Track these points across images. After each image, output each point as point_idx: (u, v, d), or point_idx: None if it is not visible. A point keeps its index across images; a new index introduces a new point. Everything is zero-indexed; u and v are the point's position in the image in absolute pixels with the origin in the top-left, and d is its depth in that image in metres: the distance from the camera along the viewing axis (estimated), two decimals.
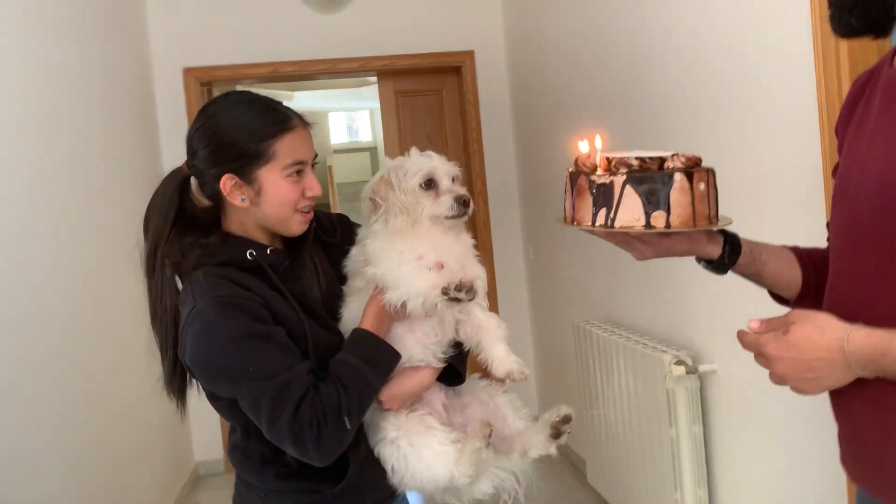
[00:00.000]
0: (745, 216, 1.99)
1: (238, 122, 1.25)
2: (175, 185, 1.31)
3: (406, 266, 1.23)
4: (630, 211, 0.98)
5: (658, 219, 0.97)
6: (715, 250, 1.09)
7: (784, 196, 1.88)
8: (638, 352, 2.53)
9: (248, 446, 1.29)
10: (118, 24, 3.57)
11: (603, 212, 1.00)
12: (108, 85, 3.28)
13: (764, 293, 1.14)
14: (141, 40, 3.92)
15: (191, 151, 1.29)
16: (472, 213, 1.30)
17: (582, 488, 3.44)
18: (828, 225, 1.18)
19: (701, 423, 2.34)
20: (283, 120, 1.25)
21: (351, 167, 10.70)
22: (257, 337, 1.17)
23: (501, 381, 1.36)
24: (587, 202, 1.01)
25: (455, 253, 1.29)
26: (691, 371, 2.30)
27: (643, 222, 0.98)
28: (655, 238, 1.04)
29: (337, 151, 10.71)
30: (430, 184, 1.29)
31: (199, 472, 4.11)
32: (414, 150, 1.33)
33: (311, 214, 1.31)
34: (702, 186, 1.00)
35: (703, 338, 2.36)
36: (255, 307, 1.19)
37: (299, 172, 1.25)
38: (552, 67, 3.55)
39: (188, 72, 4.03)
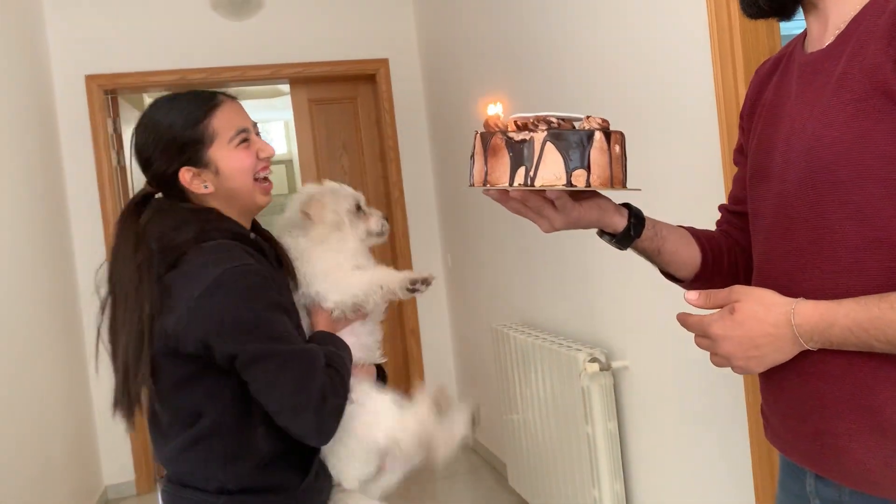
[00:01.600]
0: (647, 209, 2.06)
1: (171, 118, 1.30)
2: (136, 205, 1.32)
3: (350, 274, 1.41)
4: (551, 168, 0.95)
5: (579, 177, 0.95)
6: (621, 222, 1.09)
7: (685, 189, 1.95)
8: (553, 351, 2.57)
9: (211, 443, 1.24)
10: (12, 29, 3.40)
11: (522, 171, 0.97)
12: (4, 94, 3.12)
13: (675, 291, 1.14)
14: (39, 46, 3.75)
15: (144, 163, 1.32)
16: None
17: (503, 491, 3.45)
18: (722, 207, 1.22)
19: (616, 419, 2.39)
20: (208, 99, 1.32)
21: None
22: (286, 310, 1.26)
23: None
24: (503, 161, 0.98)
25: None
26: (605, 368, 2.35)
27: (564, 180, 0.95)
28: (568, 205, 1.02)
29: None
30: (358, 208, 1.50)
31: (109, 497, 3.93)
32: (328, 181, 1.51)
33: (271, 185, 1.36)
34: (617, 148, 0.99)
35: (615, 335, 2.41)
36: (278, 281, 1.28)
37: (245, 141, 1.32)
38: (465, 74, 3.59)
39: (91, 79, 3.88)
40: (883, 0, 0.86)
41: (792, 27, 1.35)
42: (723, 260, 1.15)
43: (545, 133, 0.96)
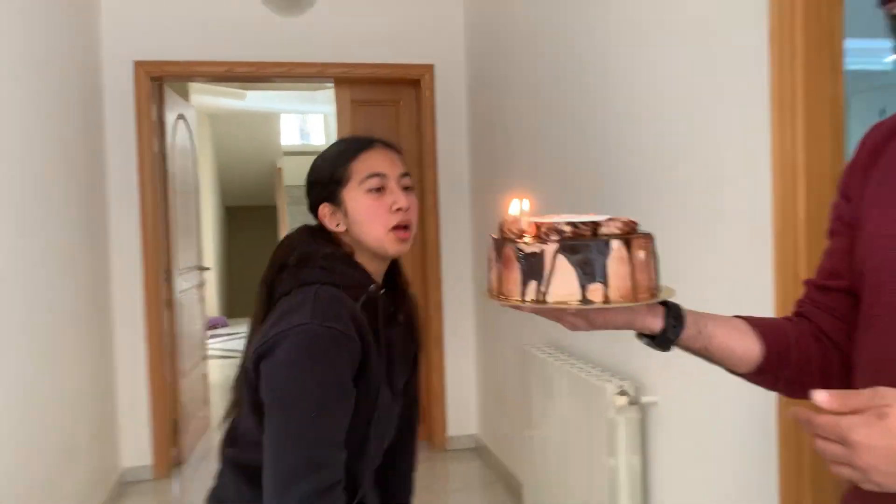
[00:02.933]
0: (690, 276, 2.03)
1: (326, 157, 1.37)
2: (301, 231, 1.38)
3: None
4: (564, 284, 0.89)
5: (595, 292, 0.89)
6: (656, 323, 0.99)
7: (731, 249, 1.91)
8: (581, 379, 2.54)
9: (251, 472, 1.23)
10: (67, 8, 3.44)
11: (533, 285, 0.90)
12: (53, 74, 3.15)
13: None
14: (92, 30, 3.79)
15: (307, 194, 1.39)
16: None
17: None
18: (809, 282, 1.09)
19: (640, 453, 2.35)
20: (360, 142, 1.35)
21: (301, 170, 10.53)
22: (339, 392, 1.19)
23: None
24: (515, 274, 0.92)
25: None
26: (633, 402, 2.32)
27: (579, 297, 0.88)
28: (591, 312, 0.95)
29: (287, 154, 10.58)
30: None
31: (126, 479, 3.96)
32: None
33: (408, 234, 1.33)
34: (641, 255, 0.92)
35: (646, 368, 2.38)
36: (355, 357, 1.21)
37: (380, 189, 1.30)
38: (511, 86, 3.56)
39: (139, 65, 3.92)
40: None
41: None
42: (790, 352, 1.03)
43: (556, 244, 0.89)
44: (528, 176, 3.39)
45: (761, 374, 1.03)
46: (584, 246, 0.89)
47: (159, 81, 4.06)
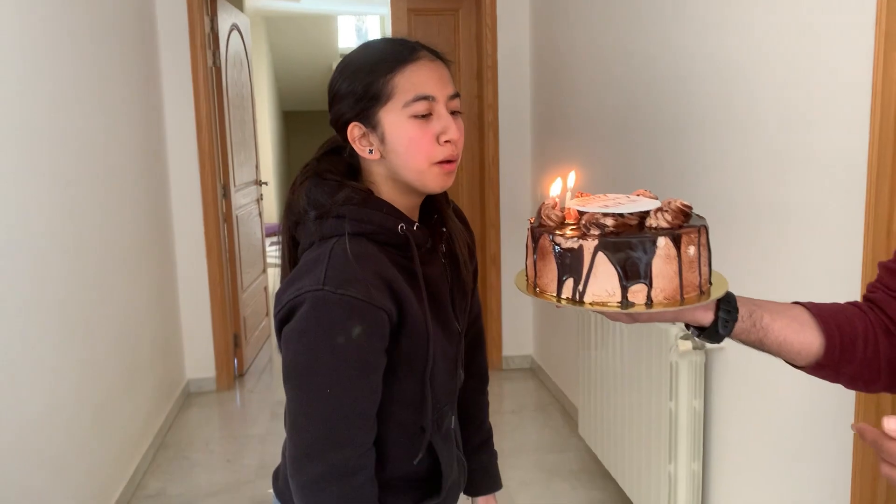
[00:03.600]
0: (771, 253, 1.87)
1: (360, 63, 1.11)
2: (323, 154, 1.19)
3: None
4: (603, 283, 0.81)
5: (638, 294, 0.81)
6: (706, 316, 0.91)
7: (819, 230, 1.75)
8: None
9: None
10: None
11: (570, 282, 0.83)
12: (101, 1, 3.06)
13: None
14: None
15: (329, 103, 1.15)
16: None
17: (572, 436, 3.44)
18: (882, 265, 0.99)
19: (702, 398, 2.28)
20: (403, 52, 1.10)
21: None
22: (360, 366, 1.05)
23: None
24: (551, 267, 0.84)
25: None
26: (698, 347, 2.23)
27: (619, 298, 0.81)
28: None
29: (345, 55, 10.35)
30: None
31: (190, 390, 4.11)
32: None
33: (454, 167, 1.11)
34: (691, 251, 0.83)
35: None
36: (381, 326, 1.05)
37: (426, 115, 1.08)
38: (579, 11, 3.33)
39: None
40: None
41: None
42: (855, 346, 0.94)
43: (596, 241, 0.81)
44: (588, 120, 3.20)
45: (821, 369, 0.96)
46: (626, 243, 0.81)
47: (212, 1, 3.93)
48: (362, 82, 1.09)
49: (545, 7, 3.82)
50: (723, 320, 0.91)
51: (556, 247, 0.83)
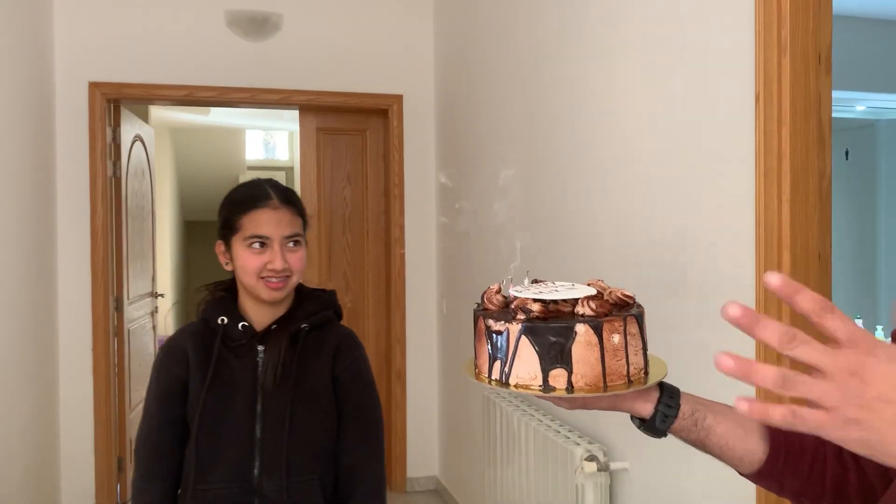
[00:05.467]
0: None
1: (230, 198, 1.54)
2: None
3: None
4: (526, 366, 0.83)
5: (558, 378, 0.83)
6: (645, 408, 0.88)
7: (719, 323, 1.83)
8: (549, 439, 2.44)
9: None
10: (19, 27, 3.26)
11: (497, 365, 0.85)
12: (1, 94, 2.97)
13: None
14: (44, 47, 3.61)
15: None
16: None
17: None
18: None
19: None
20: (256, 198, 1.49)
21: None
22: (156, 400, 1.53)
23: None
24: (485, 350, 0.87)
25: None
26: (602, 468, 2.22)
27: (540, 381, 0.83)
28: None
29: (251, 168, 10.38)
30: None
31: None
32: None
33: (280, 284, 1.48)
34: (615, 339, 0.84)
35: (616, 431, 2.29)
36: (173, 373, 1.52)
37: (262, 245, 1.46)
38: (480, 120, 3.48)
39: (94, 86, 3.74)
40: None
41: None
42: (801, 461, 0.89)
43: (520, 325, 0.84)
44: (497, 218, 3.29)
45: (763, 479, 0.91)
46: (547, 328, 0.83)
47: (116, 103, 3.89)
48: (225, 214, 1.50)
49: (451, 132, 3.97)
50: (661, 414, 0.88)
51: (488, 329, 0.87)
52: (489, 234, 3.36)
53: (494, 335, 0.86)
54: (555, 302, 0.86)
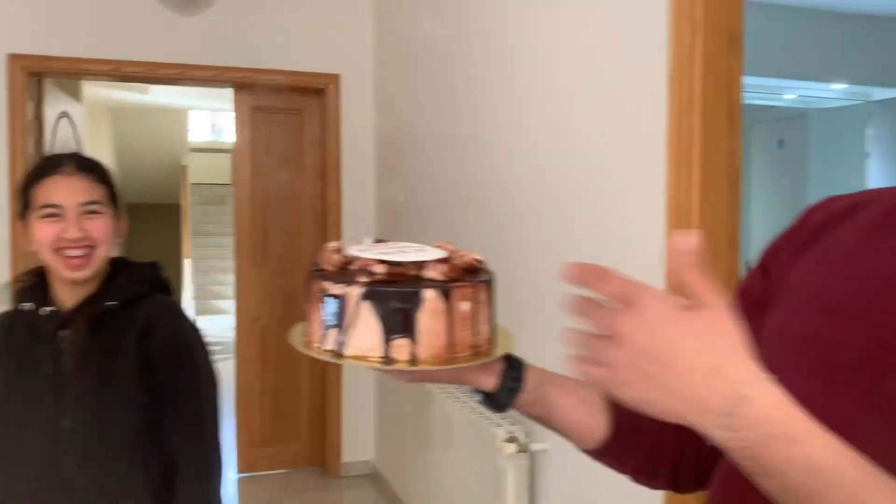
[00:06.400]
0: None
1: (25, 173, 1.43)
2: None
3: None
4: (366, 336, 0.75)
5: (401, 349, 0.75)
6: (488, 382, 0.82)
7: None
8: (474, 421, 2.43)
9: None
10: None
11: (333, 333, 0.76)
12: None
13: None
14: None
15: None
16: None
17: None
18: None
19: (527, 501, 2.26)
20: (46, 167, 1.40)
21: (209, 168, 10.17)
22: None
23: None
24: (318, 316, 0.78)
25: None
26: (523, 449, 2.22)
27: (381, 353, 0.75)
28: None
29: (195, 150, 10.15)
30: None
31: None
32: None
33: (81, 261, 1.37)
34: (464, 306, 0.77)
35: None
36: None
37: (55, 216, 1.35)
38: (419, 99, 3.44)
39: (14, 58, 3.59)
40: None
41: None
42: (640, 436, 0.87)
43: (363, 288, 0.75)
44: (432, 198, 3.26)
45: (605, 456, 0.88)
46: (391, 293, 0.75)
47: (39, 77, 3.74)
48: (20, 191, 1.40)
49: (388, 111, 3.92)
50: (507, 388, 0.83)
51: (324, 293, 0.77)
52: (425, 214, 3.33)
53: (331, 299, 0.77)
54: (399, 264, 0.78)
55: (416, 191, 3.45)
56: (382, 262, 0.77)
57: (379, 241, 0.86)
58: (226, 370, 6.14)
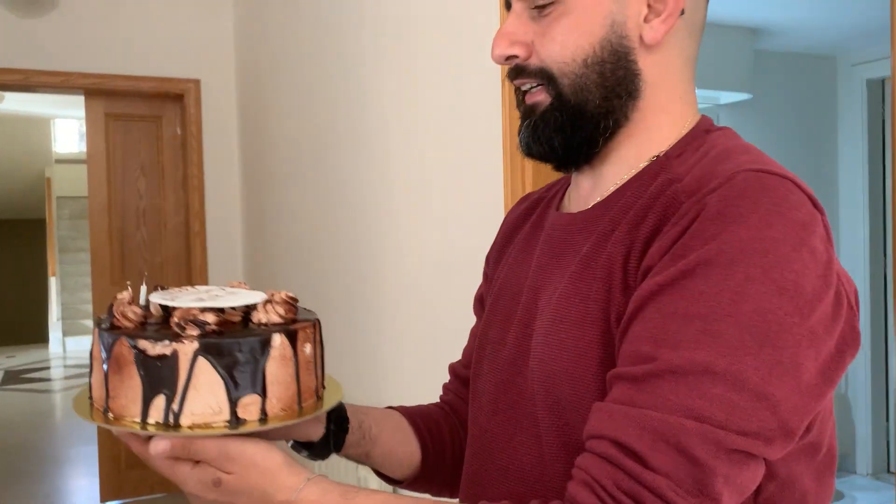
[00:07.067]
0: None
1: None
2: None
3: None
4: (206, 397, 0.65)
5: (250, 407, 0.66)
6: (317, 430, 0.80)
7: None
8: None
9: None
10: None
11: (161, 400, 0.65)
12: None
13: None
14: None
15: None
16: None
17: None
18: (452, 367, 0.97)
19: None
20: None
21: (77, 180, 9.64)
22: None
23: None
24: (132, 384, 0.66)
25: None
26: None
27: (227, 415, 0.66)
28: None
29: (60, 161, 9.60)
30: None
31: None
32: None
33: None
34: (307, 349, 0.72)
35: None
36: None
37: None
38: (282, 104, 3.36)
39: None
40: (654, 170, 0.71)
41: None
42: (445, 451, 0.91)
43: (196, 344, 0.65)
44: (289, 208, 3.20)
45: (416, 483, 0.90)
46: (235, 344, 0.66)
47: None
48: None
49: (252, 115, 3.82)
50: (334, 433, 0.81)
51: (140, 353, 0.65)
52: (289, 221, 3.26)
53: (153, 362, 0.65)
54: (221, 310, 0.69)
55: (281, 195, 3.37)
56: (209, 309, 0.68)
57: (159, 287, 0.77)
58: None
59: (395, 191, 2.26)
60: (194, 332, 0.66)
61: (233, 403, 0.66)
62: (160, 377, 0.65)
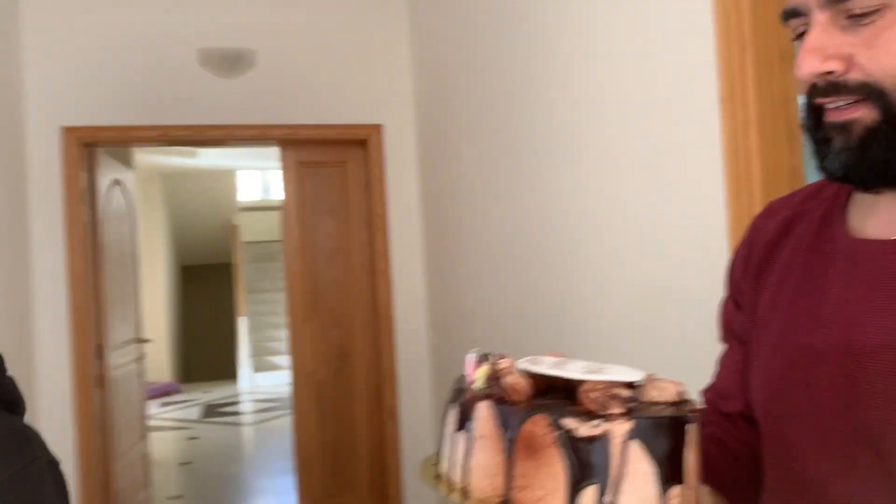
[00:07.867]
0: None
1: None
2: None
3: None
4: (640, 489, 0.57)
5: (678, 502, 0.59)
6: None
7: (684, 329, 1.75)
8: None
9: None
10: None
11: (591, 492, 0.57)
12: None
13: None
14: (14, 94, 3.58)
15: None
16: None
17: None
18: (709, 397, 0.91)
19: None
20: None
21: (260, 226, 10.36)
22: None
23: None
24: (552, 471, 0.58)
25: None
26: None
27: None
28: None
29: (245, 209, 10.36)
30: None
31: None
32: None
33: None
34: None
35: None
36: None
37: None
38: (462, 145, 3.42)
39: (68, 131, 3.70)
40: None
41: None
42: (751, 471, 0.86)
43: (626, 423, 0.57)
44: (476, 250, 3.22)
45: None
46: (659, 428, 0.58)
47: (92, 147, 3.85)
48: None
49: (432, 157, 3.91)
50: None
51: (569, 439, 0.57)
52: (474, 265, 3.28)
53: (582, 445, 0.57)
54: (631, 385, 0.62)
55: (466, 241, 3.41)
56: (623, 384, 0.60)
57: (501, 356, 0.69)
58: (284, 426, 6.13)
59: (589, 226, 2.21)
60: (618, 407, 0.58)
61: (662, 497, 0.58)
62: (593, 463, 0.57)
